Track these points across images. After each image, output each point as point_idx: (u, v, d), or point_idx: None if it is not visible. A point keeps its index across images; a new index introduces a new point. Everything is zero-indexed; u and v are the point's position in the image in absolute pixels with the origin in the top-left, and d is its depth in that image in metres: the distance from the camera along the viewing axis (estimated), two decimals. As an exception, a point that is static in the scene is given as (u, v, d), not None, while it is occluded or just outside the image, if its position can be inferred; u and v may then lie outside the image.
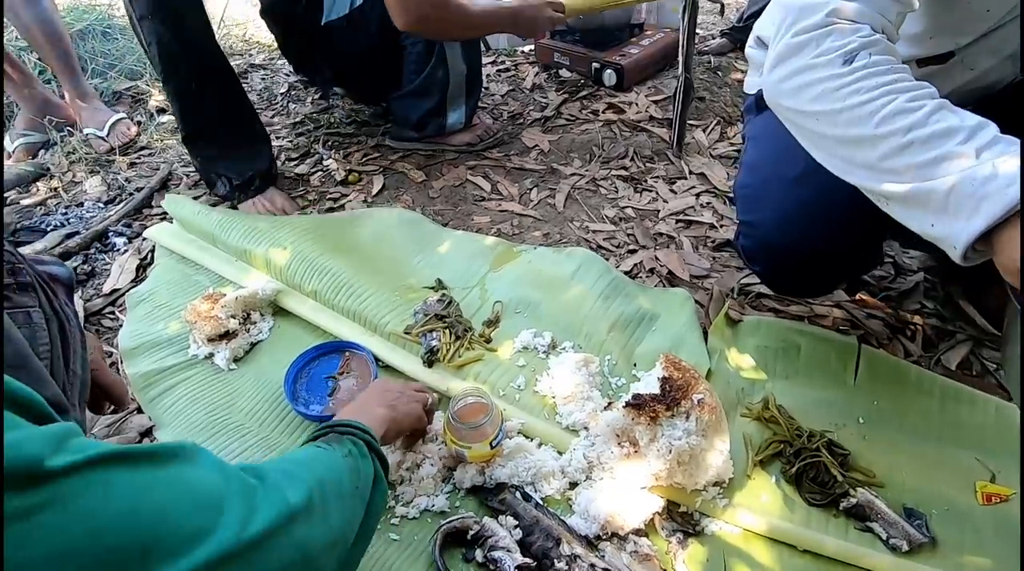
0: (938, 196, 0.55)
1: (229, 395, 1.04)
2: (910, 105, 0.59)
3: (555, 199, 1.57)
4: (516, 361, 1.06)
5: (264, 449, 0.94)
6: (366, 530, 0.58)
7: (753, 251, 0.97)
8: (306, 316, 1.16)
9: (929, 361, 1.08)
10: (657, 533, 0.82)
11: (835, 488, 0.82)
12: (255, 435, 0.97)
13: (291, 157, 1.77)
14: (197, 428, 0.97)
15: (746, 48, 1.12)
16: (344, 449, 0.62)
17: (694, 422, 0.81)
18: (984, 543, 0.77)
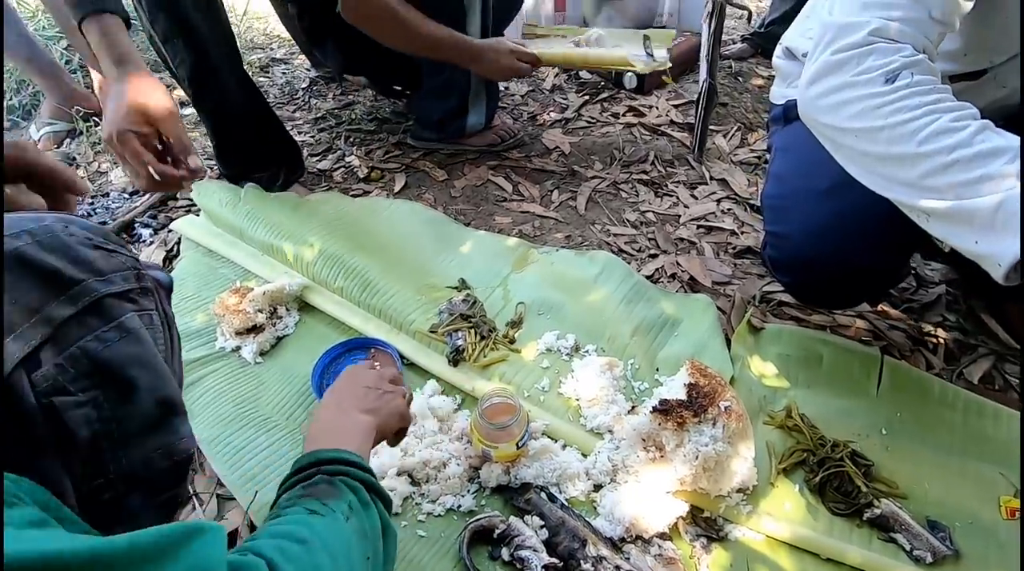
0: (983, 214, 0.55)
1: (256, 388, 1.05)
2: (954, 125, 0.59)
3: (576, 201, 1.58)
4: (540, 363, 1.07)
5: (291, 443, 0.95)
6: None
7: (780, 262, 0.97)
8: (332, 312, 1.17)
9: (951, 374, 1.09)
10: (681, 537, 0.83)
11: (859, 498, 0.83)
12: (282, 428, 0.98)
13: (313, 152, 1.78)
14: (225, 420, 0.98)
15: (774, 58, 1.12)
16: (343, 505, 0.56)
17: (720, 429, 0.82)
18: (1008, 558, 0.77)
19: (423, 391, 1.02)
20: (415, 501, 0.87)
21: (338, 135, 1.85)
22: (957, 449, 0.91)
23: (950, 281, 1.29)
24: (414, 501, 0.87)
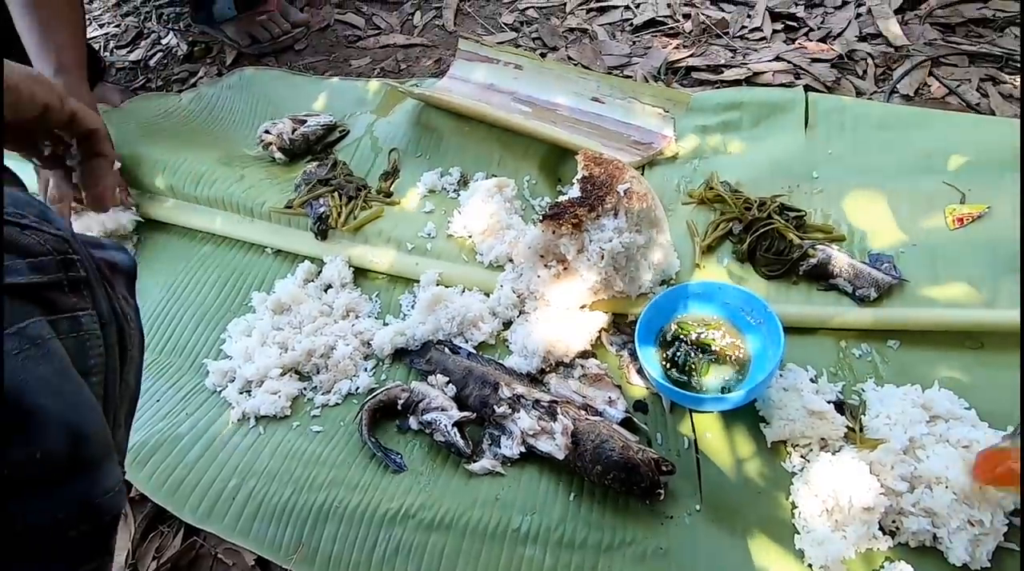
0: None
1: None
2: None
3: (443, 18, 1.32)
4: (423, 208, 0.91)
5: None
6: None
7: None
8: (165, 217, 0.97)
9: (885, 96, 0.94)
10: (606, 350, 0.73)
11: (792, 253, 0.72)
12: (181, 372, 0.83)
13: (121, 43, 1.45)
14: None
15: None
16: None
17: (624, 218, 0.68)
18: (959, 268, 0.68)
19: (295, 275, 0.86)
20: (306, 397, 0.75)
21: (147, 16, 1.50)
22: (897, 171, 0.80)
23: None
24: (305, 398, 0.75)
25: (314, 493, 0.65)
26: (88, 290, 0.36)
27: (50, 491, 0.32)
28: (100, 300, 0.37)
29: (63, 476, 0.32)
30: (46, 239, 0.34)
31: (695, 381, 0.66)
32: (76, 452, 0.33)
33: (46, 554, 0.32)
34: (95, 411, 0.35)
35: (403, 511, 0.63)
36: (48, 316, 0.33)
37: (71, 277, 0.35)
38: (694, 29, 1.15)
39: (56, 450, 0.31)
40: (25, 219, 0.34)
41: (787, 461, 0.60)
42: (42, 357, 0.32)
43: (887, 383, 0.63)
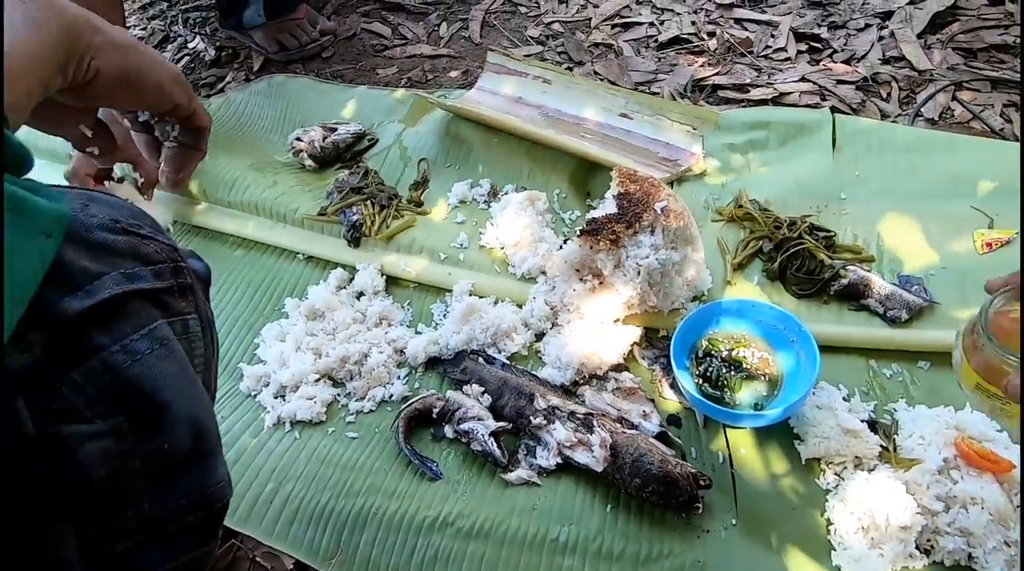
0: None
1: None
2: None
3: (469, 30, 1.33)
4: (454, 218, 0.92)
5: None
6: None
7: None
8: (200, 222, 0.98)
9: (910, 118, 0.96)
10: (638, 364, 0.74)
11: (823, 273, 0.74)
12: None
13: (148, 47, 1.46)
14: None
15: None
16: None
17: (660, 235, 0.70)
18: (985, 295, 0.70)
19: (327, 282, 0.88)
20: (341, 403, 0.76)
21: (174, 20, 1.52)
22: (924, 194, 0.81)
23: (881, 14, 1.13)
24: (339, 404, 0.76)
25: (351, 499, 0.66)
26: (192, 296, 0.39)
27: (174, 480, 0.35)
28: (200, 305, 0.40)
29: (184, 466, 0.35)
30: (161, 248, 0.37)
31: (728, 397, 0.67)
32: (196, 444, 0.35)
33: (167, 539, 0.35)
34: (210, 407, 0.39)
35: (441, 519, 0.64)
36: (167, 319, 0.36)
37: (180, 283, 0.38)
38: (719, 47, 1.17)
39: (181, 442, 0.34)
40: (143, 229, 0.36)
41: (821, 478, 0.61)
42: (168, 356, 0.35)
43: (918, 403, 0.64)
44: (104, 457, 0.31)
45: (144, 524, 0.33)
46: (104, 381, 0.31)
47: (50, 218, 0.28)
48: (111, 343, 0.32)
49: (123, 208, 0.37)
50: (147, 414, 0.33)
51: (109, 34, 0.37)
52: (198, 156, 0.49)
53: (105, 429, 0.31)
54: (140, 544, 0.34)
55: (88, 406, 0.30)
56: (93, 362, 0.31)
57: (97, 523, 0.31)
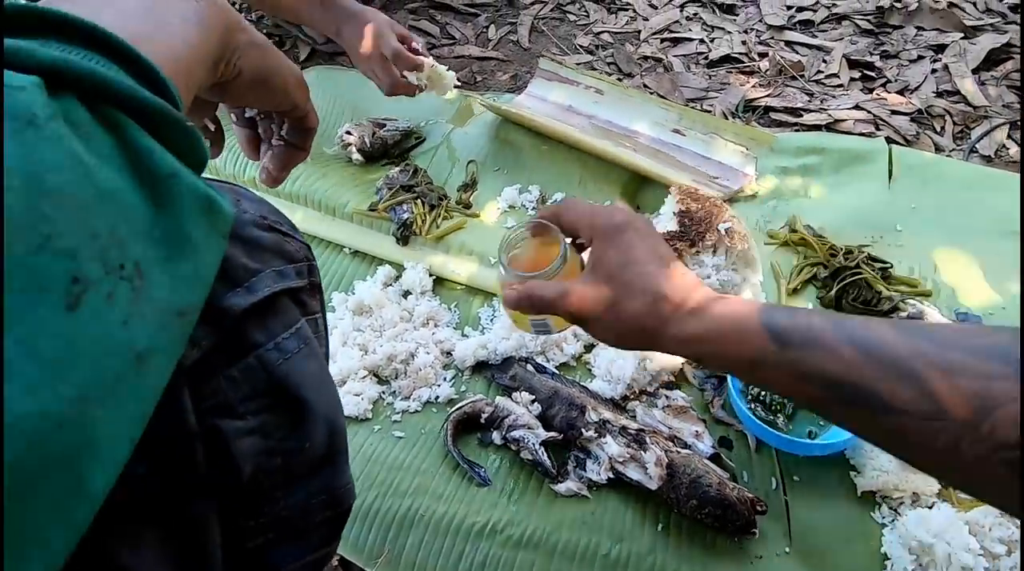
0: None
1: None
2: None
3: (518, 34, 1.33)
4: (504, 223, 0.92)
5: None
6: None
7: None
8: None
9: (964, 153, 0.96)
10: (689, 383, 0.74)
11: (881, 305, 0.73)
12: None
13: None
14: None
15: None
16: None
17: (723, 256, 0.70)
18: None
19: (374, 278, 0.87)
20: (386, 401, 0.76)
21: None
22: (981, 231, 0.81)
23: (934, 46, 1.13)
24: (385, 401, 0.76)
25: (399, 499, 0.66)
26: (320, 295, 0.39)
27: (308, 479, 0.35)
28: (323, 304, 0.40)
29: (318, 466, 0.35)
30: (299, 246, 0.37)
31: (781, 422, 0.67)
32: (331, 444, 0.36)
33: (297, 537, 0.36)
34: (341, 407, 0.39)
35: (490, 526, 0.63)
36: (305, 318, 0.36)
37: (312, 282, 0.38)
38: (770, 69, 1.17)
39: (319, 442, 0.35)
40: (283, 226, 0.37)
41: (877, 512, 0.61)
42: (311, 355, 0.35)
43: (977, 443, 0.63)
44: (252, 453, 0.31)
45: (277, 521, 0.34)
46: (258, 378, 0.32)
47: (226, 218, 0.28)
48: (266, 340, 0.32)
49: (264, 204, 0.37)
50: (292, 412, 0.33)
51: (252, 34, 0.37)
52: (302, 156, 0.50)
53: (255, 426, 0.31)
54: (271, 542, 0.34)
55: (242, 402, 0.31)
56: (250, 359, 0.31)
57: (236, 518, 0.32)
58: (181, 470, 0.28)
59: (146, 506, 0.27)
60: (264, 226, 0.35)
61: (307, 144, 0.48)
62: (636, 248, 0.44)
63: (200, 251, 0.25)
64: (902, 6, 1.23)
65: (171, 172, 0.24)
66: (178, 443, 0.28)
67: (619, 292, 0.43)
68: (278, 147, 0.47)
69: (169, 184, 0.24)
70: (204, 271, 0.26)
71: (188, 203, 0.24)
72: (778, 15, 1.29)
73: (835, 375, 0.35)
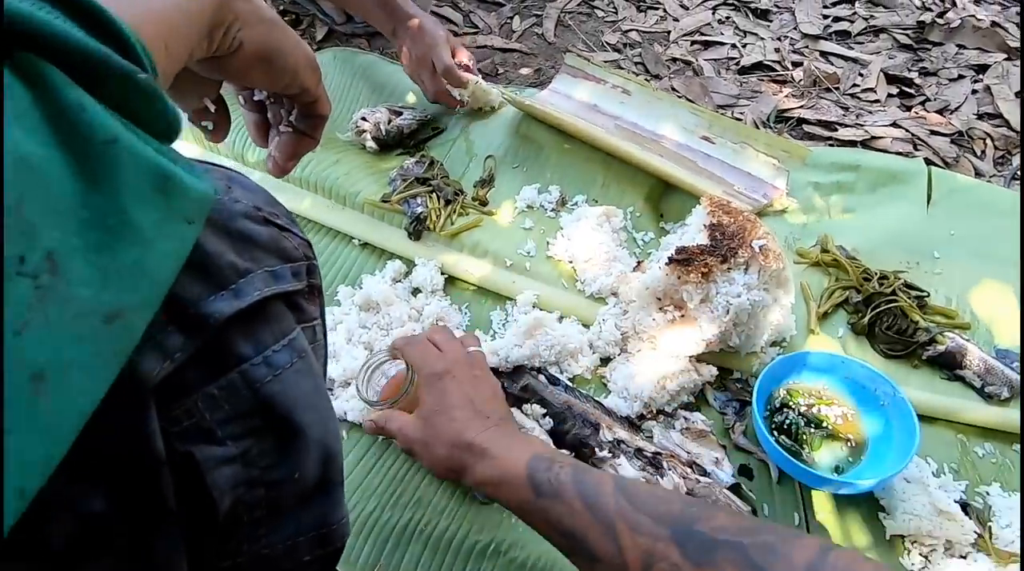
0: None
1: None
2: None
3: (543, 27, 1.29)
4: (521, 223, 0.88)
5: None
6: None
7: None
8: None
9: (1005, 180, 0.92)
10: (710, 405, 0.70)
11: (916, 336, 0.70)
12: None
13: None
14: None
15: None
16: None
17: (756, 274, 0.66)
18: (1094, 381, 0.66)
19: (383, 273, 0.84)
20: (390, 404, 0.72)
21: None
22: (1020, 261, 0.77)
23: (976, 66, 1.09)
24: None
25: (398, 511, 0.63)
26: (320, 298, 0.35)
27: (296, 513, 0.31)
28: (323, 309, 0.36)
29: (308, 498, 0.31)
30: (298, 243, 0.33)
31: (806, 455, 0.63)
32: (324, 474, 0.31)
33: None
34: (338, 430, 0.34)
35: (493, 546, 0.60)
36: (301, 325, 0.31)
37: (311, 284, 0.33)
38: (804, 79, 1.13)
39: (310, 472, 0.30)
40: (280, 220, 0.32)
41: (905, 557, 0.57)
42: (306, 372, 0.30)
43: (1014, 491, 0.60)
44: (232, 484, 0.27)
45: (258, 561, 0.29)
46: (241, 397, 0.27)
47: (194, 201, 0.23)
48: (253, 353, 0.28)
49: (260, 192, 0.32)
50: (281, 437, 0.29)
51: (257, 4, 0.33)
52: (311, 144, 0.45)
53: (236, 453, 0.27)
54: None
55: (221, 425, 0.26)
56: (233, 375, 0.27)
57: (210, 558, 0.28)
58: (144, 504, 0.24)
59: (100, 546, 0.22)
60: (258, 219, 0.30)
61: (317, 132, 0.44)
62: (450, 395, 0.53)
63: (148, 239, 0.20)
64: (944, 22, 1.19)
65: (110, 138, 0.19)
66: (141, 472, 0.23)
67: (430, 436, 0.52)
68: (286, 134, 0.43)
69: (106, 153, 0.19)
70: (153, 264, 0.21)
71: (132, 178, 0.20)
72: (814, 23, 1.25)
73: (567, 525, 0.41)
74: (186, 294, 0.25)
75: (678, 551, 0.37)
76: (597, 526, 0.40)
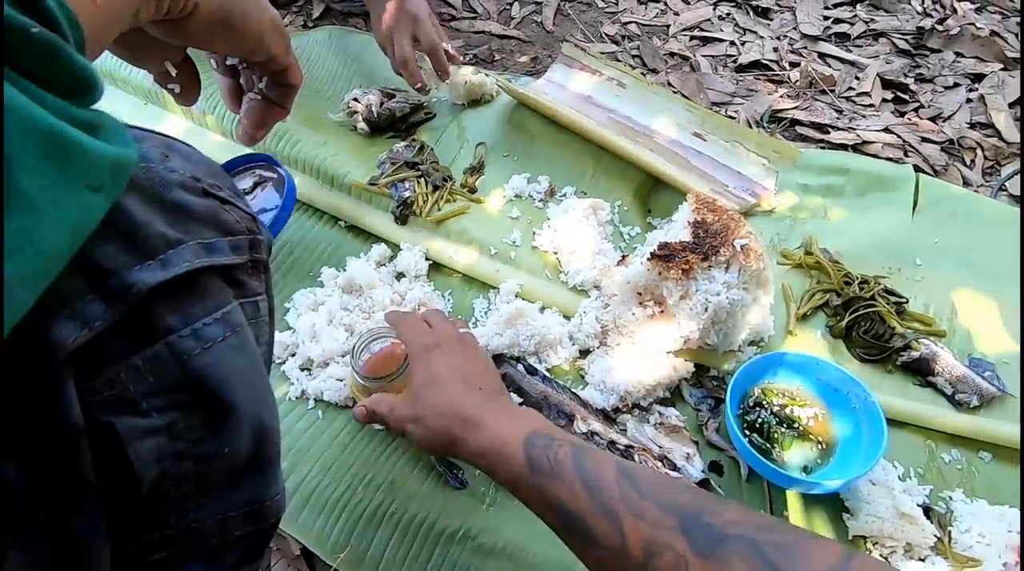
0: None
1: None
2: None
3: (542, 15, 1.28)
4: (508, 212, 0.88)
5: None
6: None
7: None
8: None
9: (992, 190, 0.93)
10: (685, 401, 0.71)
11: (892, 341, 0.70)
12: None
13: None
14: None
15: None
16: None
17: (736, 273, 0.66)
18: (1063, 393, 0.67)
19: (368, 256, 0.83)
20: (368, 387, 0.72)
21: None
22: (1006, 275, 0.78)
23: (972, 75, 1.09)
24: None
25: (370, 493, 0.63)
26: (266, 273, 0.34)
27: (226, 489, 0.31)
28: (269, 284, 0.35)
29: (240, 475, 0.30)
30: (241, 217, 0.32)
31: (776, 454, 0.64)
32: (257, 451, 0.31)
33: (210, 553, 0.31)
34: (275, 409, 0.33)
35: (462, 531, 0.60)
36: (240, 300, 0.31)
37: (254, 259, 0.33)
38: (800, 80, 1.13)
39: (242, 448, 0.30)
40: (223, 192, 0.31)
41: (866, 558, 0.58)
42: (240, 347, 0.30)
43: (977, 497, 0.61)
44: (156, 456, 0.27)
45: (187, 535, 0.29)
46: (168, 370, 0.27)
47: (102, 166, 0.22)
48: (181, 326, 0.27)
49: (203, 163, 0.32)
50: (209, 412, 0.29)
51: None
52: (280, 114, 0.45)
53: (161, 425, 0.27)
54: (179, 557, 0.30)
55: (146, 397, 0.26)
56: (159, 346, 0.27)
57: (134, 529, 0.27)
58: (60, 476, 0.23)
59: (13, 521, 0.22)
60: (196, 190, 0.29)
61: (288, 102, 0.44)
62: (440, 369, 0.52)
63: (37, 207, 0.19)
64: (943, 29, 1.19)
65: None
66: (56, 442, 0.23)
67: (423, 408, 0.50)
68: (255, 102, 0.42)
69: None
70: (42, 234, 0.19)
71: (15, 141, 0.19)
72: (814, 24, 1.24)
73: (566, 505, 0.40)
74: (110, 263, 0.25)
75: (684, 541, 0.35)
76: (597, 510, 0.38)
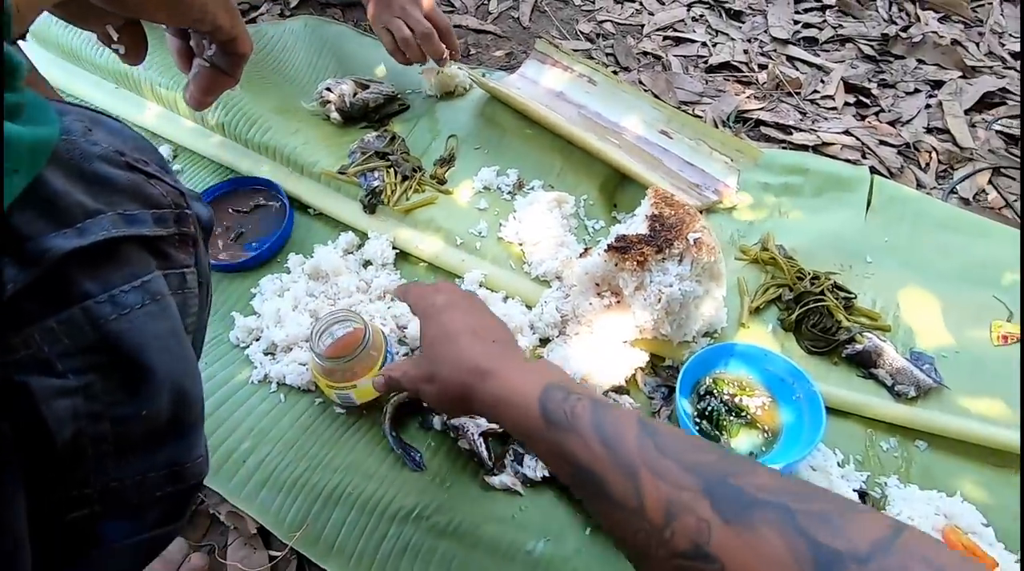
0: None
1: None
2: None
3: (519, 11, 1.29)
4: (476, 204, 0.89)
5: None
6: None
7: None
8: (213, 155, 0.94)
9: (944, 193, 0.96)
10: (639, 390, 0.73)
11: (838, 334, 0.73)
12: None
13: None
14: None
15: None
16: None
17: (688, 266, 0.68)
18: (996, 384, 0.70)
19: (336, 244, 0.84)
20: (330, 371, 0.74)
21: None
22: (950, 274, 0.81)
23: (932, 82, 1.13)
24: (329, 372, 0.74)
25: (328, 474, 0.64)
26: (194, 247, 0.35)
27: (146, 450, 0.31)
28: (201, 257, 0.36)
29: (160, 437, 0.32)
30: (167, 191, 0.33)
31: (724, 441, 0.67)
32: (176, 415, 0.32)
33: (131, 512, 0.32)
34: (198, 375, 0.35)
35: (416, 511, 0.62)
36: (164, 271, 0.32)
37: (182, 232, 0.34)
38: (767, 82, 1.16)
39: (160, 411, 0.31)
40: (149, 167, 0.32)
41: (803, 539, 0.61)
42: (160, 314, 0.31)
43: (911, 483, 0.64)
44: (72, 416, 0.28)
45: (106, 493, 0.30)
46: (83, 333, 0.28)
47: (21, 151, 0.23)
48: (98, 292, 0.28)
49: (129, 138, 0.33)
50: (126, 375, 0.30)
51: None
52: (229, 82, 0.46)
53: (76, 385, 0.28)
54: (99, 514, 0.31)
55: (61, 358, 0.27)
56: (74, 310, 0.28)
57: (52, 487, 0.28)
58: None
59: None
60: (119, 163, 0.30)
61: (236, 71, 0.44)
62: (453, 324, 0.52)
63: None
64: (907, 36, 1.22)
65: None
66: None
67: (436, 364, 0.50)
68: (203, 69, 0.43)
69: None
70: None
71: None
72: (784, 28, 1.27)
73: (582, 461, 0.38)
74: (26, 230, 0.26)
75: (707, 503, 0.32)
76: (616, 468, 0.36)
